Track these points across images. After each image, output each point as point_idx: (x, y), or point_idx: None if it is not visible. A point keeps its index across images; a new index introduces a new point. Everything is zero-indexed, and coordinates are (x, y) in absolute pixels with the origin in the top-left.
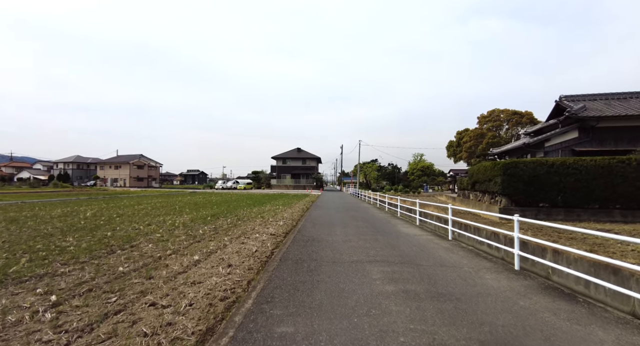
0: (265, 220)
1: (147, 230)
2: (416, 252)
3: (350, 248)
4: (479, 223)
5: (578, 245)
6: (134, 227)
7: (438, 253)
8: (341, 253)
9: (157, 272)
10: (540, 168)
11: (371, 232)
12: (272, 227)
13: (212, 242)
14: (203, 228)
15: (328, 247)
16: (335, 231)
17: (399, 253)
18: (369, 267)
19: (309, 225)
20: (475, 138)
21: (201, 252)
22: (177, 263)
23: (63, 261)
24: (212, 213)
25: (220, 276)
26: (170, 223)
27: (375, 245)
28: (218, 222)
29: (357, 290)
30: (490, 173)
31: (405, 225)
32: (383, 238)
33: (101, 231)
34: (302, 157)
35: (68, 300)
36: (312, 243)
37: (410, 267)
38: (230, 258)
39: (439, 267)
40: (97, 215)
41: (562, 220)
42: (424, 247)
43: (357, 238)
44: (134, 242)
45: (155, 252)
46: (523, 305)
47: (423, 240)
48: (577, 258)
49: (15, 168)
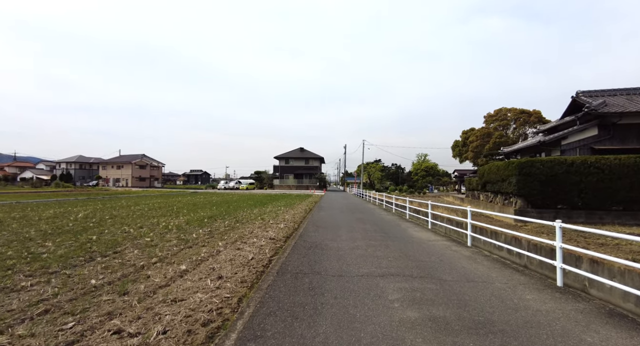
0: (265, 223)
1: (137, 234)
2: (435, 261)
3: (359, 257)
4: (499, 228)
5: (624, 255)
6: (124, 229)
7: (460, 264)
8: (348, 264)
9: (134, 286)
10: (559, 167)
11: (380, 236)
12: (272, 230)
13: (205, 248)
14: (197, 231)
15: (333, 256)
16: (340, 235)
17: (416, 264)
18: (384, 283)
19: (311, 228)
20: (482, 137)
21: (190, 259)
22: (161, 274)
23: (29, 272)
24: (210, 214)
25: (206, 292)
26: (163, 225)
27: (386, 252)
28: (215, 225)
29: (372, 318)
30: (503, 173)
31: (416, 228)
32: (394, 244)
33: (87, 234)
34: (305, 157)
35: (11, 327)
36: (315, 250)
37: (433, 283)
38: (222, 267)
39: (466, 283)
40: (89, 217)
41: (584, 222)
42: (443, 255)
43: (365, 245)
44: (119, 248)
45: (139, 260)
46: (591, 342)
47: (439, 246)
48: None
49: (19, 168)
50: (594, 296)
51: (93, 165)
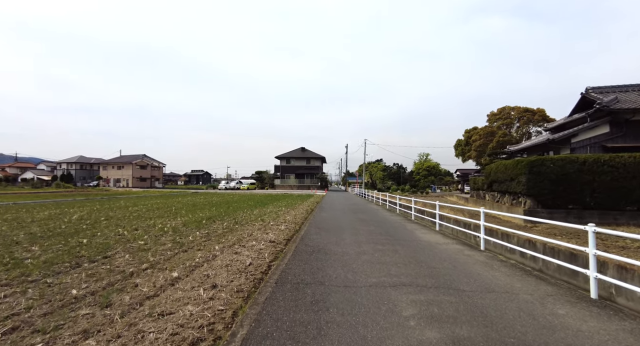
0: (265, 224)
1: (131, 236)
2: (449, 268)
3: (366, 263)
4: (510, 229)
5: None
6: (117, 232)
7: (476, 270)
8: (355, 272)
9: (119, 297)
10: (570, 166)
11: (387, 239)
12: (272, 232)
13: (201, 252)
14: (194, 234)
15: (337, 262)
16: (344, 238)
17: (429, 271)
18: (396, 295)
19: (313, 230)
20: (485, 136)
21: (184, 265)
22: (150, 282)
23: (5, 281)
24: (209, 215)
25: (198, 304)
26: (159, 227)
27: (395, 258)
28: (213, 226)
29: (386, 340)
30: (512, 172)
31: (423, 230)
32: (403, 248)
33: (78, 237)
34: (306, 157)
35: None
36: (318, 255)
37: (450, 294)
38: (217, 274)
39: (487, 294)
40: (84, 218)
41: (597, 223)
42: (456, 260)
43: (371, 249)
44: (110, 252)
45: (128, 266)
46: None
47: (451, 250)
48: None
49: (20, 168)
50: (636, 311)
51: (94, 166)
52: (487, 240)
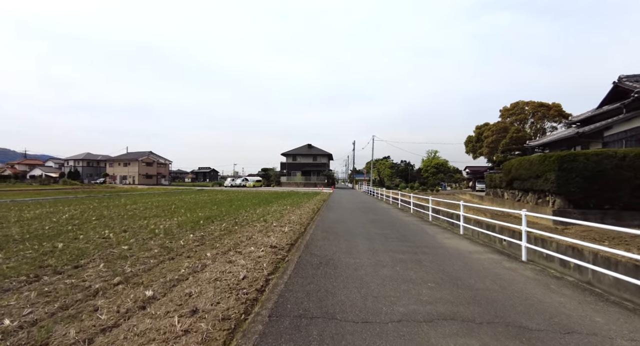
0: (267, 225)
1: (116, 240)
2: (495, 289)
3: (387, 280)
4: (556, 235)
5: None
6: (103, 234)
7: (532, 293)
8: (375, 296)
9: (64, 330)
10: (608, 161)
11: (406, 246)
12: (275, 235)
13: (189, 260)
14: (187, 236)
15: (351, 279)
16: (356, 245)
17: (471, 295)
18: (437, 338)
19: (320, 233)
20: (498, 132)
21: (164, 279)
22: (115, 305)
23: None
24: (209, 214)
25: (167, 341)
26: (151, 228)
27: (423, 273)
28: (210, 227)
29: None
30: (538, 168)
31: (446, 234)
32: (428, 258)
33: (57, 240)
34: (312, 154)
35: None
36: (326, 269)
37: (514, 337)
38: (202, 293)
39: (565, 336)
40: (75, 217)
41: (639, 226)
42: (499, 277)
43: (390, 259)
44: (83, 260)
45: (97, 280)
46: None
47: (487, 261)
48: None
49: (29, 165)
50: None
51: (100, 163)
52: (530, 248)
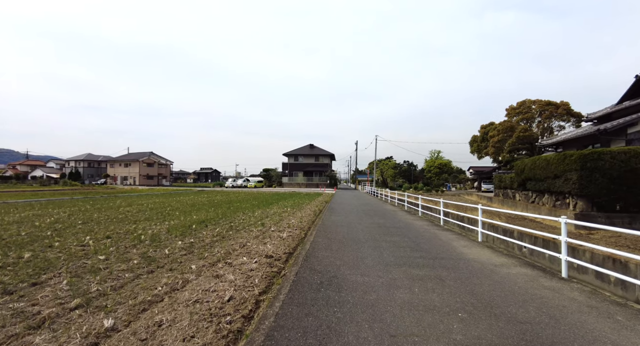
0: (265, 230)
1: (94, 248)
2: (546, 323)
3: (405, 309)
4: (591, 244)
5: None
6: (82, 241)
7: (599, 330)
8: (393, 335)
9: None
10: (637, 160)
11: (421, 257)
12: (272, 242)
13: (169, 275)
14: (175, 244)
15: (360, 308)
16: (363, 256)
17: (518, 332)
18: None
19: (322, 241)
20: (504, 131)
21: (134, 300)
22: (58, 342)
23: None
24: (204, 218)
25: None
26: (137, 234)
27: (446, 296)
28: (202, 233)
29: None
30: (556, 168)
31: (462, 241)
32: (449, 275)
33: (26, 249)
34: (315, 154)
35: None
36: (328, 292)
37: None
38: (175, 321)
39: None
40: (61, 221)
41: None
42: (544, 303)
43: (406, 277)
44: (46, 275)
45: (50, 303)
46: None
47: (519, 278)
48: None
49: (30, 166)
50: None
51: (101, 163)
52: (571, 261)
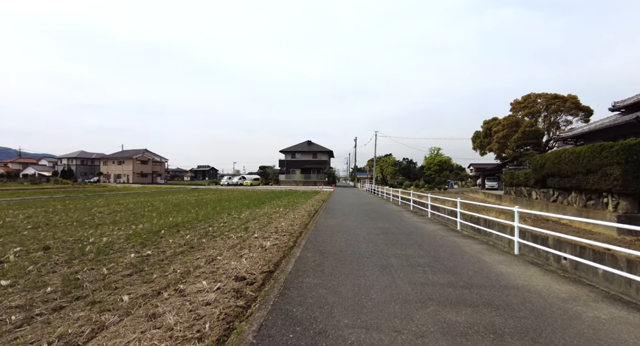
0: (246, 237)
1: (9, 267)
2: None
3: None
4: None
5: None
6: (3, 255)
7: None
8: None
9: None
10: None
11: (454, 288)
12: (250, 255)
13: (80, 316)
14: (125, 257)
15: None
16: (369, 287)
17: None
18: None
19: (312, 257)
20: (509, 127)
21: None
22: None
23: None
24: (180, 221)
25: None
26: (88, 243)
27: None
28: (168, 241)
29: None
30: (590, 161)
31: (493, 254)
32: (509, 324)
33: None
34: (312, 151)
35: None
36: None
37: None
38: None
39: None
40: (8, 225)
41: None
42: None
43: (439, 331)
44: None
45: None
46: None
47: (623, 331)
48: None
49: (22, 164)
50: None
51: (95, 161)
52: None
